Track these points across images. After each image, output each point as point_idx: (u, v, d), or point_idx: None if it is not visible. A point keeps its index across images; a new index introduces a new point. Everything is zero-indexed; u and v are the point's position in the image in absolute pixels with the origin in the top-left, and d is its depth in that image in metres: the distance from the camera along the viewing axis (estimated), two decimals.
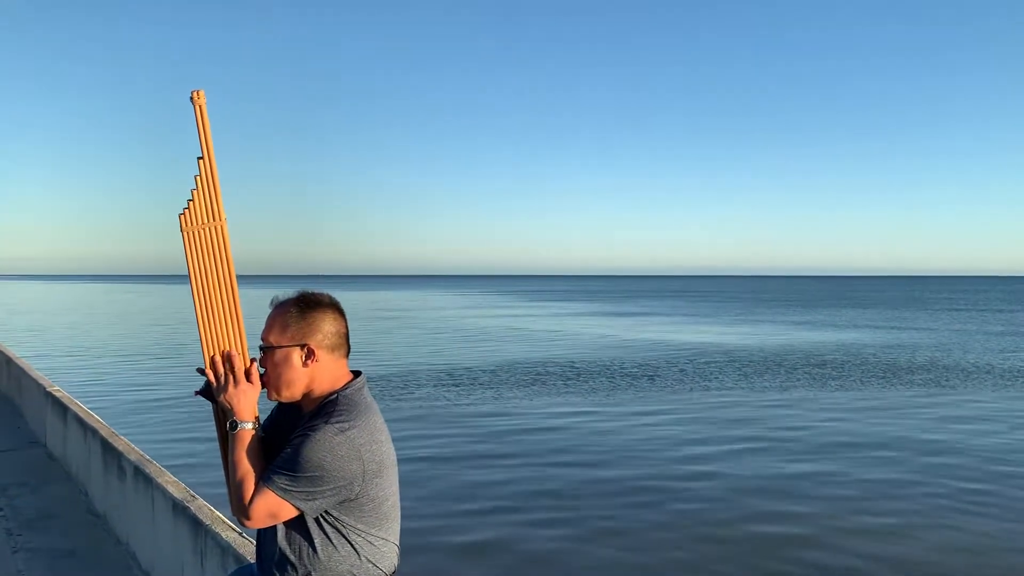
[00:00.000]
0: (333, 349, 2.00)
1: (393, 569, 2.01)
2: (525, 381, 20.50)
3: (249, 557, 3.18)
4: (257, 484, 1.88)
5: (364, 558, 1.93)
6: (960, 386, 20.24)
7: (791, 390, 19.39)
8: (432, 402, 17.13)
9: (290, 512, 1.87)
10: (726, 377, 21.86)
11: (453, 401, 17.28)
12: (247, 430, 1.94)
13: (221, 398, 1.97)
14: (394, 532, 2.01)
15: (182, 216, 2.05)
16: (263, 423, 2.06)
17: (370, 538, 1.94)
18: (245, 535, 3.52)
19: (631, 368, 23.53)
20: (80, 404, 7.45)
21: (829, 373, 22.71)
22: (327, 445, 1.83)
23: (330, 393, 1.98)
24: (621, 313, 58.61)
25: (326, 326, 2.00)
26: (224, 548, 3.45)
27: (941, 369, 23.79)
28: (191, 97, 2.03)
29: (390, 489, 1.98)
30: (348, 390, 1.98)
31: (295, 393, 1.99)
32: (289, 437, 1.93)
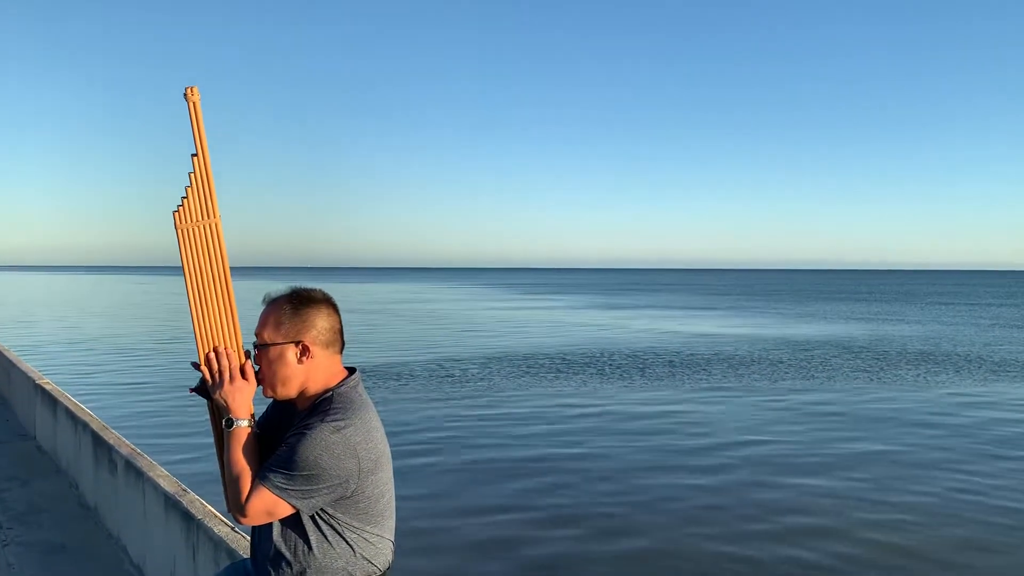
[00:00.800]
0: (327, 345, 2.01)
1: (388, 565, 2.03)
2: (534, 371, 20.55)
3: (241, 552, 3.18)
4: (253, 482, 1.89)
5: (359, 555, 1.94)
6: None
7: (819, 381, 19.10)
8: (426, 394, 17.10)
9: (286, 510, 1.88)
10: (738, 369, 21.66)
11: (448, 393, 17.26)
12: (243, 427, 1.94)
13: (216, 395, 1.97)
14: (389, 529, 2.03)
15: (176, 213, 2.04)
16: (258, 420, 2.06)
17: (365, 535, 1.95)
18: (237, 529, 3.52)
19: (621, 359, 23.57)
20: (70, 397, 7.43)
21: (874, 365, 22.79)
22: (323, 443, 1.84)
23: (325, 390, 1.98)
24: (648, 305, 58.71)
25: (320, 322, 2.00)
26: (216, 542, 3.45)
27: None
28: (184, 94, 2.02)
29: (386, 486, 2.00)
30: (343, 387, 1.99)
31: (290, 390, 1.99)
32: (284, 434, 1.94)
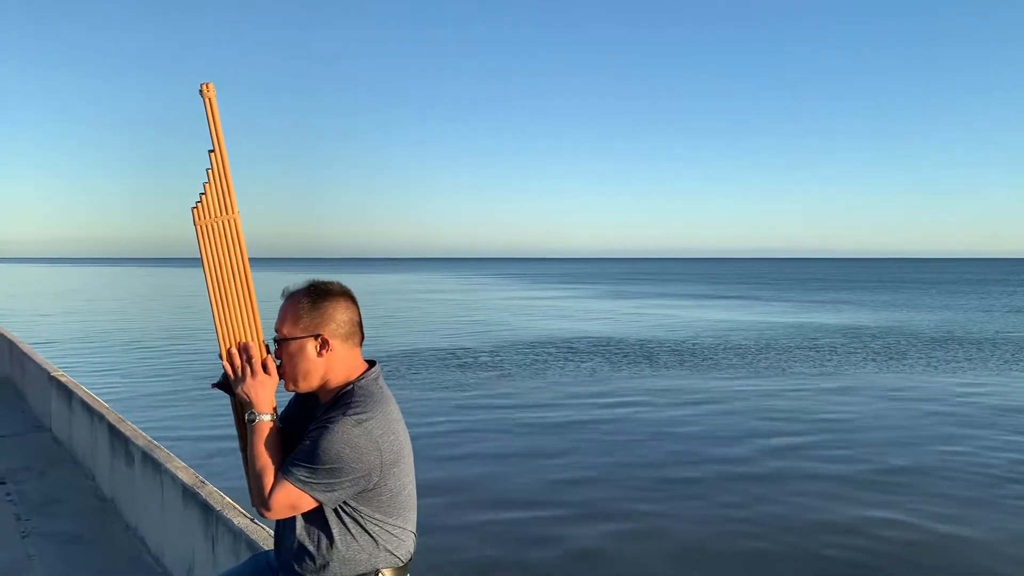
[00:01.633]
0: (347, 338, 2.02)
1: (410, 557, 2.04)
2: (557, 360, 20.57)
3: (262, 543, 3.20)
4: (276, 476, 1.90)
5: (382, 547, 1.96)
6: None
7: (843, 375, 18.85)
8: (444, 384, 17.13)
9: (310, 503, 1.90)
10: (757, 361, 21.32)
11: (464, 384, 17.29)
12: (265, 422, 1.96)
13: (239, 390, 1.98)
14: (411, 521, 2.04)
15: (195, 209, 2.05)
16: (281, 414, 2.08)
17: (388, 527, 1.97)
18: (257, 521, 3.54)
19: (629, 348, 23.59)
20: (85, 388, 7.48)
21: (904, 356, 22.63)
22: (345, 437, 1.85)
23: (346, 383, 1.99)
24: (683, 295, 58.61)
25: (339, 315, 2.01)
26: (236, 533, 3.47)
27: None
28: (200, 90, 2.01)
29: (407, 478, 2.01)
30: (364, 380, 2.00)
31: (312, 383, 2.01)
32: (307, 428, 1.95)
